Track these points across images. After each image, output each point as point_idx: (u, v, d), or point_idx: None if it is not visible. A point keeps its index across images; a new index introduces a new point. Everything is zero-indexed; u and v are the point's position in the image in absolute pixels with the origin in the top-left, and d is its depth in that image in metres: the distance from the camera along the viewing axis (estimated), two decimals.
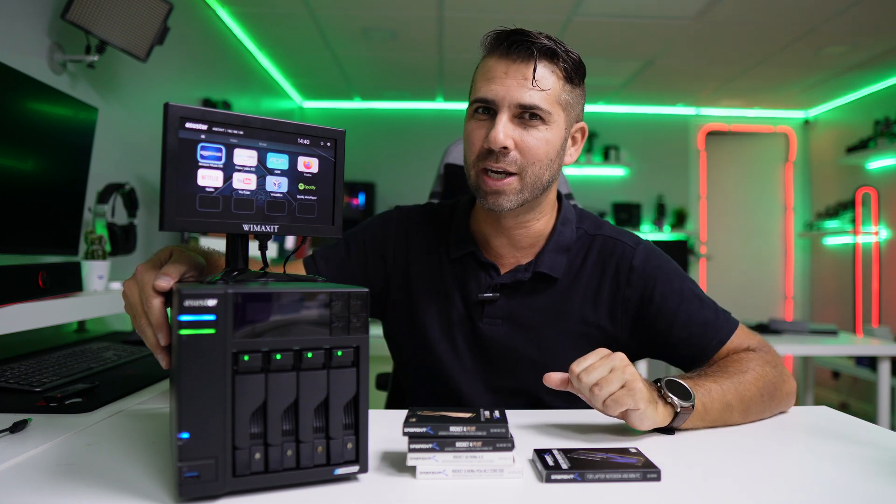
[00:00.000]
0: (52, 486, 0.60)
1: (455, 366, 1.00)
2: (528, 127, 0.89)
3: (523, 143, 0.89)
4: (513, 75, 0.88)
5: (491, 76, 0.90)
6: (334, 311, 0.60)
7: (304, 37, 3.55)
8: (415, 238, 1.07)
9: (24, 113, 1.43)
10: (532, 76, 0.88)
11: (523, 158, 0.90)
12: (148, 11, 2.00)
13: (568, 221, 1.02)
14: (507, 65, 0.89)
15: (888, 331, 3.61)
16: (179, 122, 0.61)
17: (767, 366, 0.90)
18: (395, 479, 0.63)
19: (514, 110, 0.89)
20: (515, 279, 0.98)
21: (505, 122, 0.88)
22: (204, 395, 0.55)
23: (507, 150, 0.89)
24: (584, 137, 1.01)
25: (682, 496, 0.61)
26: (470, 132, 0.93)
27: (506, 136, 0.88)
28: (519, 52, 0.88)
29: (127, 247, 1.85)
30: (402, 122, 5.05)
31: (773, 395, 0.88)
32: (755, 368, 0.88)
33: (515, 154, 0.90)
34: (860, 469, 0.68)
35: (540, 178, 0.92)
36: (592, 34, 3.44)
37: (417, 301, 1.03)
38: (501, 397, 1.00)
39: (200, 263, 0.75)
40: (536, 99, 0.88)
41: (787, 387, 0.90)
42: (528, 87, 0.88)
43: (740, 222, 5.21)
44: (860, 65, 3.84)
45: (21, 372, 1.08)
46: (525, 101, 0.88)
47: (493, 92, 0.89)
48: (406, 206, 1.12)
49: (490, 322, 0.99)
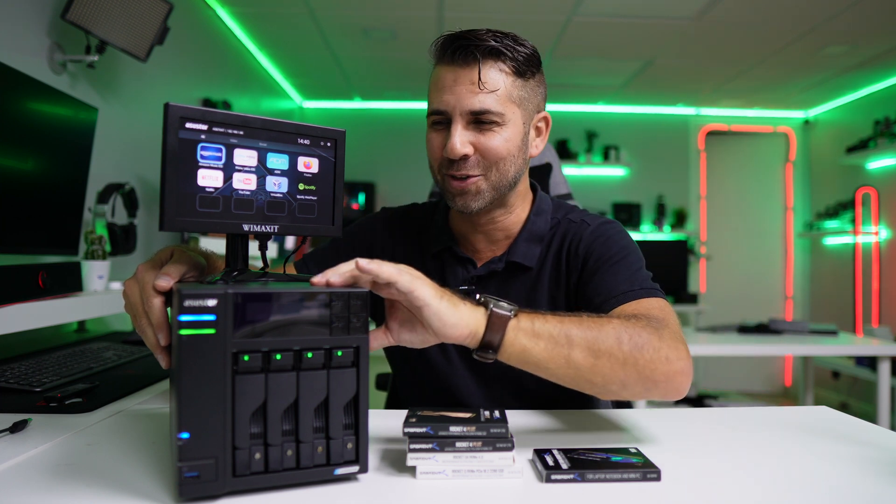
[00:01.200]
0: (52, 486, 0.60)
1: (440, 358, 1.02)
2: (485, 130, 0.90)
3: (481, 146, 0.90)
4: (461, 82, 0.88)
5: (441, 85, 0.90)
6: (334, 311, 0.60)
7: (304, 37, 3.55)
8: (399, 238, 1.09)
9: (24, 113, 1.43)
10: (478, 79, 0.88)
11: (485, 160, 0.91)
12: (148, 11, 2.00)
13: (542, 212, 1.03)
14: (455, 72, 0.89)
15: (888, 331, 3.61)
16: (179, 122, 0.61)
17: (645, 331, 0.76)
18: (395, 479, 0.63)
19: (466, 117, 0.89)
20: (490, 270, 1.00)
21: (460, 131, 0.89)
22: (204, 395, 0.55)
23: (467, 157, 0.90)
24: (549, 126, 1.01)
25: (682, 496, 0.61)
26: (429, 141, 0.94)
27: (462, 144, 0.89)
28: (464, 56, 0.88)
29: (127, 247, 1.85)
30: (402, 122, 5.05)
31: (636, 358, 0.73)
32: (624, 325, 0.75)
33: (476, 157, 0.91)
34: (860, 469, 0.68)
35: (505, 175, 0.93)
36: (592, 34, 3.44)
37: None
38: (489, 384, 1.01)
39: (201, 264, 0.75)
40: (487, 103, 0.88)
41: (667, 365, 0.75)
42: (476, 91, 0.88)
43: (740, 222, 5.21)
44: (860, 65, 3.84)
45: (21, 372, 1.08)
46: (475, 107, 0.88)
47: (444, 102, 0.89)
48: (391, 208, 1.15)
49: None
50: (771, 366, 5.18)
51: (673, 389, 0.76)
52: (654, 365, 0.74)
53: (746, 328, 2.90)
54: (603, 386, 0.74)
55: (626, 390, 0.75)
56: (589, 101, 4.89)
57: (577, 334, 0.72)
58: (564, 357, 0.72)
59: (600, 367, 0.73)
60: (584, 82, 4.34)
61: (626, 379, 0.74)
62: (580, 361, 0.72)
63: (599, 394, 0.77)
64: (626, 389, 0.75)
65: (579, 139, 5.00)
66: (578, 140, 4.99)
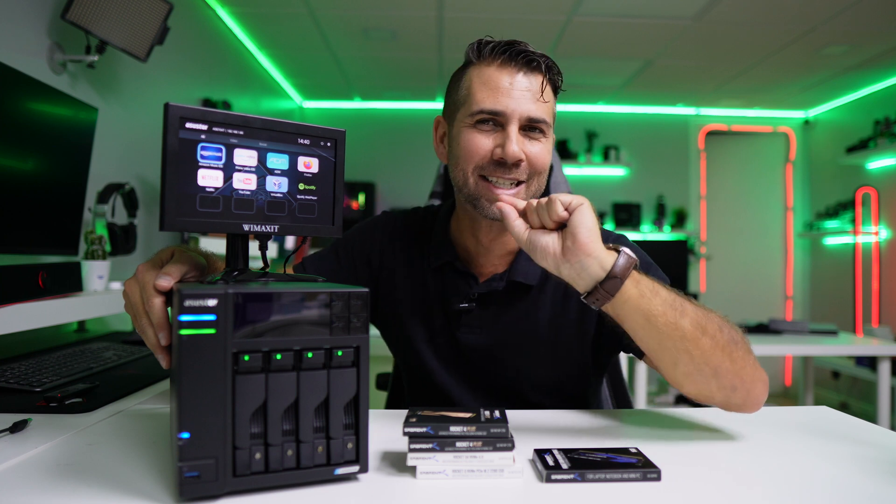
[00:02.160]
0: (52, 486, 0.60)
1: (441, 371, 1.02)
2: (532, 139, 0.91)
3: (531, 154, 0.90)
4: (518, 87, 0.89)
5: (495, 86, 0.89)
6: (335, 311, 0.60)
7: (304, 37, 3.55)
8: (399, 245, 1.08)
9: (24, 113, 1.43)
10: (541, 89, 0.90)
11: (531, 169, 0.91)
12: (148, 11, 2.00)
13: None
14: (511, 75, 0.89)
15: (888, 331, 3.61)
16: (180, 123, 0.61)
17: (738, 333, 0.79)
18: (396, 479, 0.63)
19: (522, 123, 0.89)
20: (490, 289, 0.98)
21: (517, 135, 0.89)
22: (204, 395, 0.55)
23: (521, 162, 0.90)
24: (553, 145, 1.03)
25: (682, 496, 0.61)
26: (472, 140, 0.91)
27: (520, 148, 0.89)
28: (525, 62, 0.89)
29: (127, 247, 1.85)
30: (402, 122, 5.05)
31: (731, 351, 0.76)
32: (724, 319, 0.79)
33: (526, 165, 0.91)
34: (860, 469, 0.68)
35: (541, 186, 0.94)
36: (592, 34, 3.44)
37: (403, 308, 1.04)
38: (490, 399, 1.01)
39: (201, 264, 0.75)
40: (543, 112, 0.90)
41: (754, 370, 0.78)
42: (534, 99, 0.89)
43: (740, 222, 5.21)
44: (860, 65, 3.84)
45: (21, 372, 1.08)
46: (535, 114, 0.89)
47: (502, 104, 0.89)
48: (392, 212, 1.13)
49: (468, 331, 1.00)
50: (771, 366, 5.18)
51: (754, 397, 0.79)
52: (744, 364, 0.77)
53: (746, 328, 2.90)
54: (701, 361, 0.75)
55: (717, 379, 0.76)
56: (589, 101, 4.89)
57: (690, 307, 0.75)
58: (674, 320, 0.74)
59: (703, 343, 0.75)
60: (584, 82, 4.34)
61: (720, 365, 0.75)
62: (687, 330, 0.74)
63: (690, 372, 0.76)
64: (717, 378, 0.76)
65: (579, 139, 4.99)
66: (578, 140, 4.99)
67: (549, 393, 1.02)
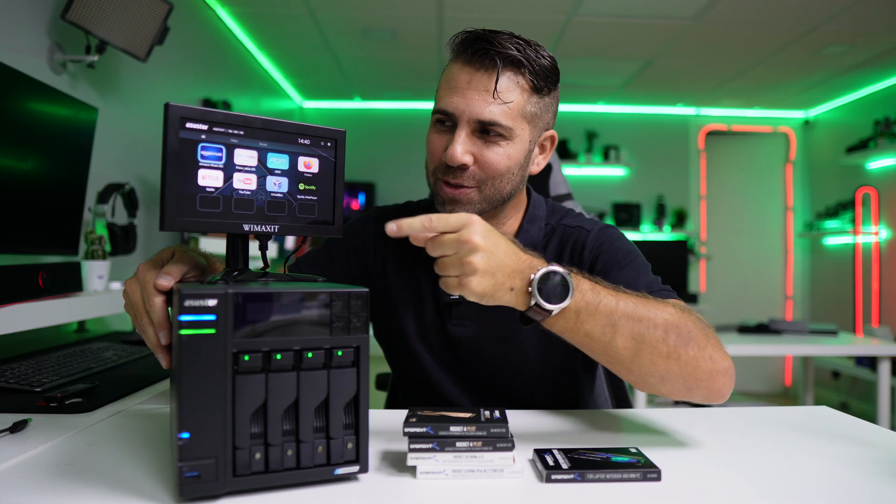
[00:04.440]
0: (52, 486, 0.60)
1: (432, 366, 1.01)
2: (488, 142, 0.86)
3: (482, 157, 0.86)
4: (475, 86, 0.85)
5: (453, 85, 0.86)
6: (334, 311, 0.60)
7: (304, 37, 3.55)
8: (391, 239, 1.05)
9: (24, 113, 1.43)
10: (494, 88, 0.84)
11: (482, 173, 0.87)
12: (148, 11, 2.00)
13: (536, 219, 1.00)
14: (471, 74, 0.85)
15: (888, 331, 3.61)
16: (180, 122, 0.61)
17: (696, 327, 0.75)
18: (395, 479, 0.63)
19: (473, 125, 0.86)
20: None
21: (463, 139, 0.85)
22: (204, 395, 0.55)
23: (466, 166, 0.87)
24: (554, 145, 0.98)
25: (682, 496, 0.61)
26: (430, 141, 0.91)
27: (464, 152, 0.85)
28: (483, 60, 0.84)
29: (127, 247, 1.85)
30: (402, 122, 5.05)
31: (679, 354, 0.72)
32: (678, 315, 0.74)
33: (474, 169, 0.87)
34: (860, 469, 0.68)
35: (500, 191, 0.90)
36: (592, 34, 3.44)
37: (395, 302, 1.04)
38: (479, 396, 1.00)
39: (202, 264, 0.75)
40: (497, 115, 0.85)
41: (710, 364, 0.74)
42: (489, 100, 0.84)
43: (740, 222, 5.21)
44: (860, 65, 3.84)
45: (21, 372, 1.08)
46: (485, 116, 0.84)
47: (453, 104, 0.86)
48: (384, 207, 1.12)
49: (458, 323, 0.99)
50: (771, 366, 5.18)
51: (716, 391, 0.76)
52: (698, 362, 0.73)
53: (746, 328, 2.90)
54: (644, 372, 0.73)
55: (666, 385, 0.74)
56: (589, 101, 4.89)
57: (624, 322, 0.71)
58: (609, 340, 0.71)
59: (643, 357, 0.72)
60: (584, 82, 4.33)
61: (668, 371, 0.73)
62: (621, 348, 0.71)
63: (636, 382, 0.76)
64: (665, 384, 0.74)
65: (579, 139, 5.00)
66: (578, 140, 4.99)
67: (539, 389, 1.01)
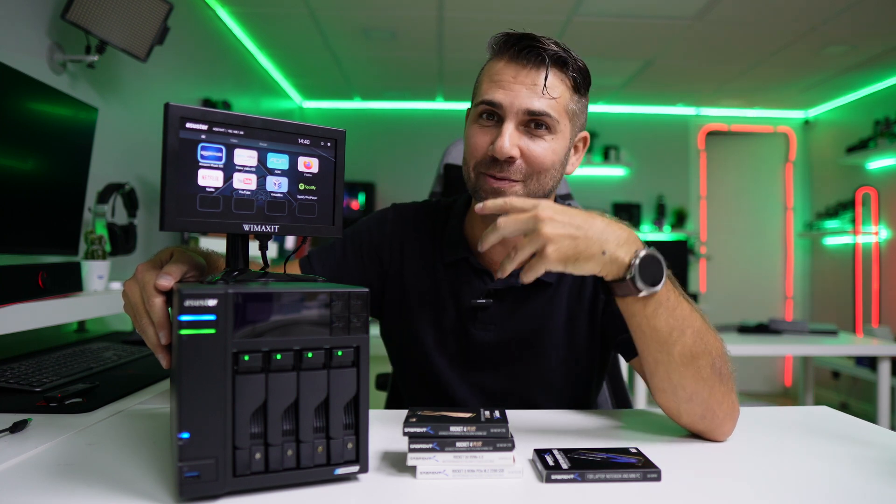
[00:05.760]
0: (52, 486, 0.60)
1: (448, 370, 1.00)
2: (534, 136, 0.87)
3: (529, 151, 0.87)
4: (522, 81, 0.86)
5: (499, 79, 0.87)
6: (335, 311, 0.60)
7: (304, 37, 3.55)
8: (410, 239, 1.05)
9: (24, 113, 1.43)
10: (543, 83, 0.86)
11: (528, 167, 0.88)
12: (148, 11, 2.00)
13: None
14: (517, 70, 0.87)
15: (888, 331, 3.61)
16: (180, 122, 0.61)
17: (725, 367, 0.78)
18: (395, 479, 0.63)
19: (521, 117, 0.86)
20: (509, 284, 0.97)
21: (511, 130, 0.86)
22: (204, 395, 0.55)
23: (513, 160, 0.87)
24: (586, 147, 0.99)
25: (682, 496, 0.61)
26: (473, 136, 0.90)
27: (512, 144, 0.85)
28: (529, 57, 0.86)
29: (127, 247, 1.85)
30: (402, 122, 5.05)
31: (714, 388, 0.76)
32: (719, 356, 0.77)
33: (521, 163, 0.87)
34: (860, 469, 0.68)
35: (543, 186, 0.90)
36: (592, 34, 3.44)
37: (412, 304, 1.02)
38: (495, 401, 0.99)
39: (201, 264, 0.75)
40: (545, 106, 0.86)
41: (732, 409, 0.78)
42: (537, 93, 0.86)
43: (740, 222, 5.21)
44: (860, 65, 3.84)
45: (21, 372, 1.08)
46: (534, 107, 0.86)
47: (501, 96, 0.86)
48: (402, 205, 1.10)
49: (482, 328, 0.98)
50: (771, 366, 5.18)
51: (720, 432, 0.79)
52: (723, 401, 0.77)
53: (746, 328, 2.90)
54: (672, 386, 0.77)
55: (689, 404, 0.77)
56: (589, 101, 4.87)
57: (689, 334, 0.74)
58: (672, 341, 0.74)
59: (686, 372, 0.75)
60: None
61: (697, 394, 0.76)
62: (675, 356, 0.75)
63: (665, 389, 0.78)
64: (689, 403, 0.77)
65: None
66: None
67: (555, 393, 1.00)
